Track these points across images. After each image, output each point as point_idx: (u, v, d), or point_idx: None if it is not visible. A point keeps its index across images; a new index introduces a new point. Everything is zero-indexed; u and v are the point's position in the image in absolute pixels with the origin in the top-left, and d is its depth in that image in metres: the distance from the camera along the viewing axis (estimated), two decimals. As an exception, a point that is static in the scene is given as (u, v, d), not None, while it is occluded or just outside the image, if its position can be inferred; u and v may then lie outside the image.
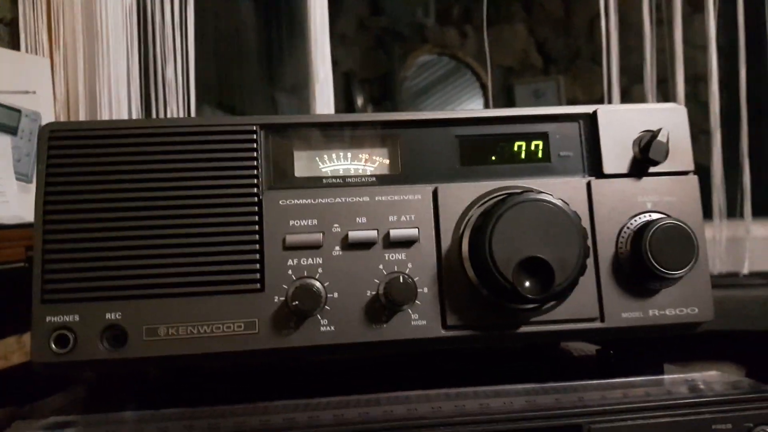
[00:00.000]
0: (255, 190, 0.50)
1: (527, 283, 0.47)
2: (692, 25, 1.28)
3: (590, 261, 0.51)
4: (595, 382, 0.53)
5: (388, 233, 0.50)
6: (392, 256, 0.50)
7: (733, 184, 1.15)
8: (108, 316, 0.47)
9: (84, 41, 1.12)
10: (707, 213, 1.13)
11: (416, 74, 2.53)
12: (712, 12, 1.13)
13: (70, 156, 0.49)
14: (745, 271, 1.11)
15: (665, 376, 0.55)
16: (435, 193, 0.52)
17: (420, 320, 0.50)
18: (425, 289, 0.50)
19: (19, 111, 0.99)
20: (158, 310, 0.48)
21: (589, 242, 0.50)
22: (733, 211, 1.16)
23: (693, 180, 0.54)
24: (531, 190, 0.49)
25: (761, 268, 1.15)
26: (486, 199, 0.51)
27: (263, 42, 1.92)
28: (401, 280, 0.49)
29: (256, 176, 0.50)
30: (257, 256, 0.49)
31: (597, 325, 0.51)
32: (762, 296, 1.03)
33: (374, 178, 0.52)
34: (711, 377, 0.54)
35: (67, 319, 0.47)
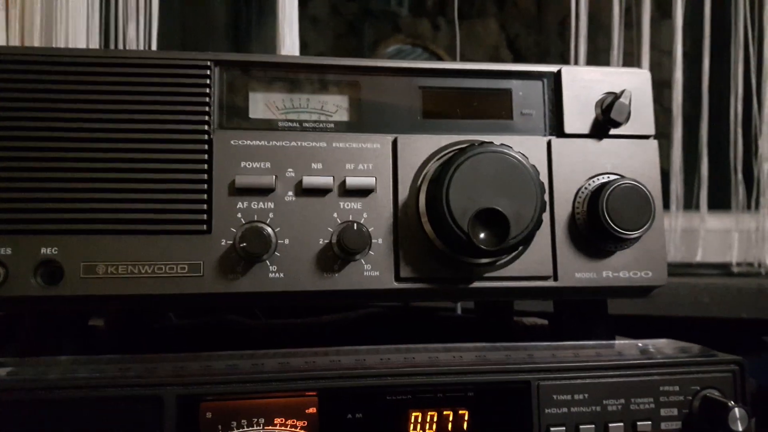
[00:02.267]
0: (206, 127, 0.48)
1: (482, 235, 0.46)
2: (659, 30, 1.30)
3: (546, 220, 0.50)
4: (546, 343, 0.53)
5: (344, 181, 0.49)
6: (347, 205, 0.49)
7: (691, 180, 1.17)
8: (43, 250, 0.45)
9: (42, -6, 1.08)
10: (665, 203, 1.14)
11: (393, 60, 2.52)
12: (680, 14, 1.15)
13: (7, 81, 0.46)
14: (699, 258, 1.12)
15: (616, 341, 0.55)
16: (395, 144, 0.50)
17: (373, 271, 0.48)
18: (380, 240, 0.49)
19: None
20: (98, 246, 0.45)
21: (546, 198, 0.49)
22: (689, 204, 1.18)
23: (653, 144, 0.54)
24: (490, 143, 0.48)
25: (713, 260, 1.17)
26: (445, 152, 0.50)
27: (232, 15, 1.88)
28: (355, 228, 0.47)
29: (208, 113, 0.48)
30: (205, 197, 0.47)
31: (550, 283, 0.50)
32: (713, 284, 1.05)
33: (332, 125, 0.51)
34: (661, 344, 0.54)
35: (-1, 252, 0.44)
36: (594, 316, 0.56)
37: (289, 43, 1.24)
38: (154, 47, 1.14)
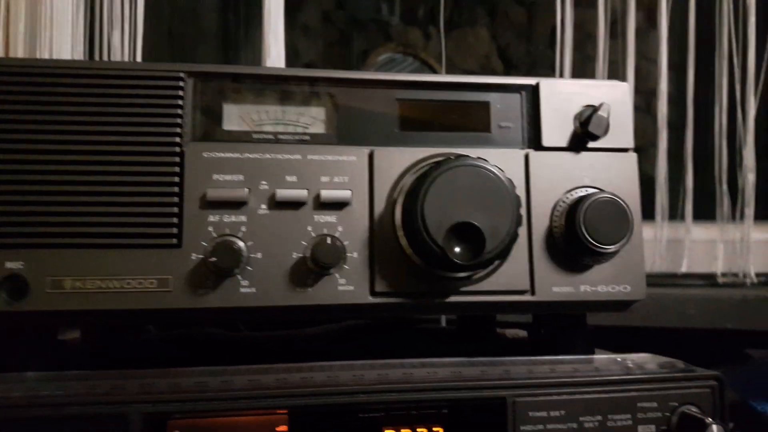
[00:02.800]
0: (177, 139, 0.47)
1: (457, 249, 0.45)
2: (647, 40, 1.30)
3: (523, 234, 0.50)
4: (523, 358, 0.52)
5: (319, 194, 0.48)
6: (322, 218, 0.48)
7: (676, 190, 1.17)
8: (8, 264, 0.44)
9: (26, 1, 1.07)
10: (650, 214, 1.14)
11: (378, 71, 2.53)
12: (665, 25, 1.15)
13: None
14: (684, 269, 1.12)
15: (595, 356, 0.54)
16: (371, 156, 0.50)
17: (347, 285, 0.48)
18: (355, 254, 0.48)
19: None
20: (65, 261, 0.44)
21: (523, 211, 0.49)
22: (674, 214, 1.18)
23: (632, 157, 0.53)
24: (467, 156, 0.47)
25: (699, 270, 1.17)
26: (421, 165, 0.50)
27: (219, 25, 1.87)
28: (329, 242, 0.46)
29: (180, 125, 0.47)
30: (175, 210, 0.46)
31: (527, 297, 0.50)
32: (698, 295, 1.04)
33: (308, 137, 0.50)
34: (642, 359, 0.54)
35: (-39, 266, 0.43)
36: (573, 330, 0.56)
37: (275, 53, 1.24)
38: (139, 55, 1.14)
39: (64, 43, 1.10)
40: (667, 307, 1.03)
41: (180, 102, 0.47)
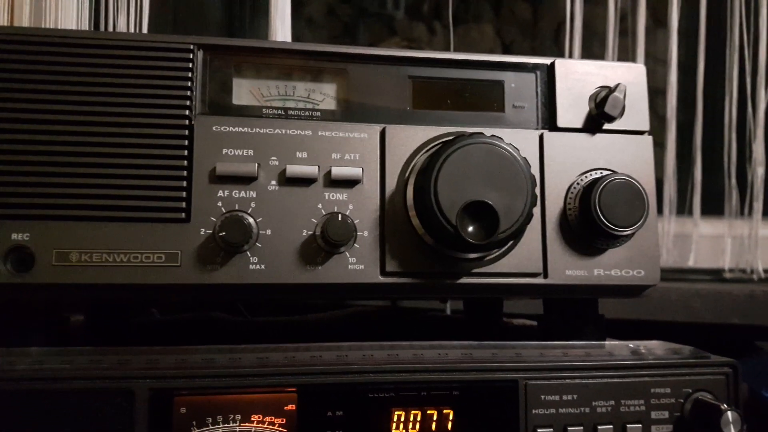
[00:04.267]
0: (187, 112, 0.46)
1: (471, 228, 0.44)
2: (655, 38, 1.29)
3: (537, 216, 0.49)
4: (534, 342, 0.51)
5: (330, 171, 0.47)
6: (333, 196, 0.47)
7: (684, 186, 1.16)
8: (14, 236, 0.43)
9: (30, -16, 1.06)
10: (658, 208, 1.13)
11: (389, 49, 2.52)
12: (675, 15, 1.14)
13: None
14: (691, 263, 1.11)
15: (608, 342, 0.54)
16: (383, 134, 0.49)
17: (358, 264, 0.47)
18: (365, 233, 0.47)
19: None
20: (71, 233, 0.44)
21: (538, 192, 0.48)
22: (682, 209, 1.17)
23: (647, 140, 0.53)
24: (481, 134, 0.47)
25: (706, 265, 1.16)
26: (434, 144, 0.49)
27: (225, 13, 1.86)
28: (340, 219, 0.46)
29: (190, 98, 0.46)
30: (184, 184, 0.45)
31: (540, 280, 0.49)
32: (705, 290, 1.04)
33: (319, 113, 0.49)
34: (653, 345, 0.53)
35: (-34, 237, 0.42)
36: (584, 316, 0.55)
37: (282, 38, 1.23)
38: (143, 39, 1.12)
39: (68, 26, 1.10)
40: (674, 302, 1.02)
41: (190, 74, 0.47)
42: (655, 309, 1.00)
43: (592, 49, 1.34)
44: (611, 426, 0.45)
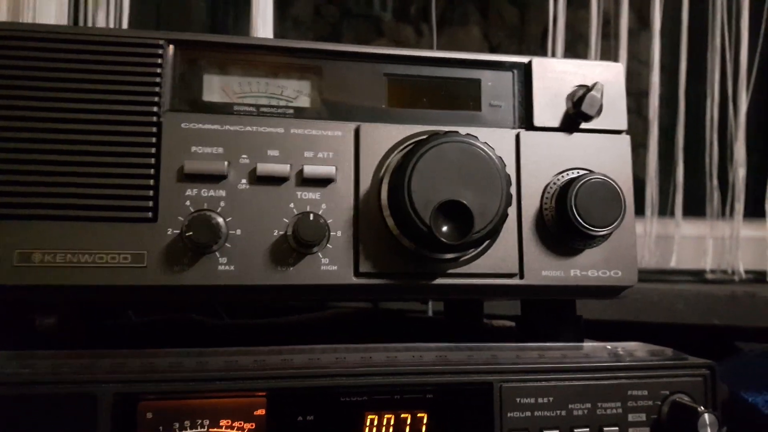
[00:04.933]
0: (155, 108, 0.45)
1: (445, 228, 0.44)
2: (638, 41, 1.29)
3: (512, 216, 0.48)
4: (511, 344, 0.51)
5: (302, 170, 0.46)
6: (305, 195, 0.46)
7: (666, 187, 1.16)
8: (-27, 236, 0.42)
9: (6, -22, 1.04)
10: (639, 209, 1.13)
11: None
12: (658, 15, 1.14)
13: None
14: (673, 264, 1.11)
15: (585, 344, 0.53)
16: (357, 132, 0.48)
17: (331, 265, 0.46)
18: (339, 233, 0.46)
19: None
20: (33, 233, 0.42)
21: (513, 191, 0.47)
22: (664, 210, 1.17)
23: (625, 140, 0.52)
24: (456, 132, 0.46)
25: (688, 266, 1.16)
26: (410, 143, 0.48)
27: (208, 11, 1.84)
28: (311, 218, 0.45)
29: (158, 94, 0.45)
30: (151, 182, 0.44)
31: (516, 281, 0.48)
32: (687, 291, 1.04)
33: (292, 111, 0.48)
34: (632, 347, 0.52)
35: None
36: (562, 318, 0.54)
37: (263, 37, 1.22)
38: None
39: (47, 21, 1.08)
40: (656, 302, 1.02)
41: (158, 70, 0.45)
42: (637, 310, 1.00)
43: (577, 51, 1.34)
44: (587, 429, 0.45)
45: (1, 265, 0.42)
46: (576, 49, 1.31)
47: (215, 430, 0.41)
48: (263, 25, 1.21)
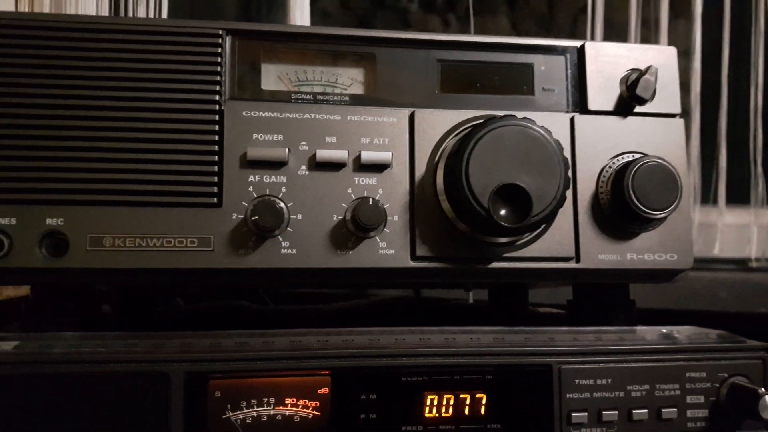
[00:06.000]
0: (217, 97, 0.46)
1: (503, 212, 0.44)
2: (676, 30, 1.27)
3: (569, 200, 0.48)
4: (566, 328, 0.51)
5: (359, 155, 0.47)
6: (362, 181, 0.47)
7: (708, 176, 1.14)
8: (48, 221, 0.43)
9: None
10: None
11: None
12: (699, 7, 1.12)
13: (14, 47, 0.44)
14: (716, 251, 1.10)
15: (639, 327, 0.53)
16: (412, 118, 0.49)
17: (388, 249, 0.47)
18: (395, 217, 0.47)
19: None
20: (105, 218, 0.44)
21: (570, 174, 0.47)
22: (707, 199, 1.15)
23: (679, 123, 0.52)
24: (513, 116, 0.46)
25: (732, 255, 1.14)
26: (464, 127, 0.48)
27: (242, 6, 1.86)
28: (371, 203, 0.45)
29: (219, 83, 0.46)
30: (215, 168, 0.45)
31: (572, 265, 0.49)
32: (731, 279, 1.02)
33: (347, 98, 0.49)
34: (686, 330, 0.52)
35: (3, 222, 0.43)
36: (615, 302, 0.54)
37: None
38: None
39: (88, 12, 1.10)
40: (700, 291, 1.01)
41: (219, 59, 0.46)
42: (681, 298, 0.99)
43: (611, 41, 1.32)
44: (646, 410, 0.45)
45: (74, 249, 0.43)
46: (610, 39, 1.30)
47: (281, 408, 0.42)
48: (300, 15, 1.22)
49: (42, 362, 0.40)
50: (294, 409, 0.42)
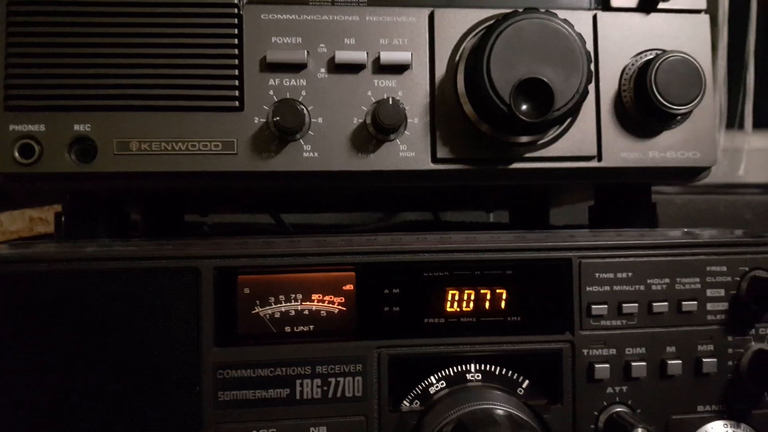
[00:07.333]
0: (235, 1, 0.46)
1: (525, 107, 0.44)
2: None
3: (591, 98, 0.48)
4: (587, 229, 0.51)
5: (379, 56, 0.47)
6: (382, 83, 0.47)
7: (734, 101, 1.12)
8: (77, 127, 0.44)
9: None
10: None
11: None
12: None
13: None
14: (741, 173, 1.08)
15: (660, 228, 0.53)
16: (431, 17, 0.48)
17: (408, 151, 0.47)
18: (415, 120, 0.47)
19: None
20: (131, 123, 0.45)
21: (593, 68, 0.47)
22: (732, 123, 1.13)
23: (704, 19, 0.50)
24: (534, 9, 0.45)
25: (757, 179, 1.13)
26: (485, 25, 0.48)
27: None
28: (390, 103, 0.45)
29: (237, -14, 0.46)
30: (236, 72, 0.45)
31: (594, 164, 0.49)
32: (756, 201, 1.01)
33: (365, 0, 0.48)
34: (707, 230, 0.52)
35: (33, 129, 0.44)
36: (638, 204, 0.54)
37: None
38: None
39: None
40: (723, 213, 1.00)
41: (235, -38, 0.46)
42: (705, 220, 0.99)
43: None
44: (666, 303, 0.46)
45: (102, 153, 0.44)
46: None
47: (308, 303, 0.43)
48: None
49: (75, 259, 0.41)
50: (320, 304, 0.43)
